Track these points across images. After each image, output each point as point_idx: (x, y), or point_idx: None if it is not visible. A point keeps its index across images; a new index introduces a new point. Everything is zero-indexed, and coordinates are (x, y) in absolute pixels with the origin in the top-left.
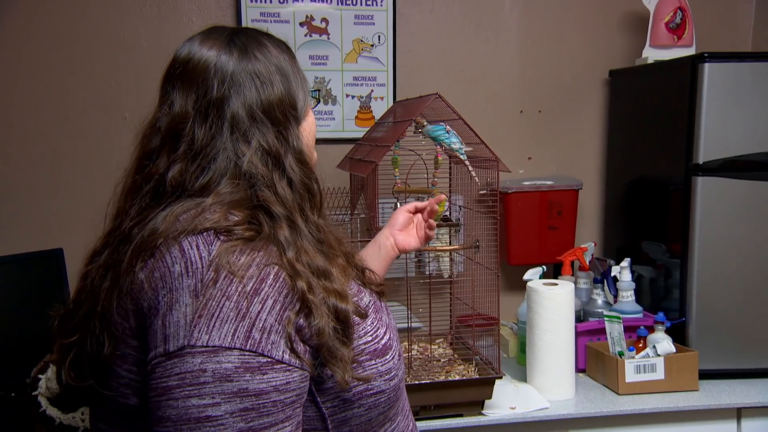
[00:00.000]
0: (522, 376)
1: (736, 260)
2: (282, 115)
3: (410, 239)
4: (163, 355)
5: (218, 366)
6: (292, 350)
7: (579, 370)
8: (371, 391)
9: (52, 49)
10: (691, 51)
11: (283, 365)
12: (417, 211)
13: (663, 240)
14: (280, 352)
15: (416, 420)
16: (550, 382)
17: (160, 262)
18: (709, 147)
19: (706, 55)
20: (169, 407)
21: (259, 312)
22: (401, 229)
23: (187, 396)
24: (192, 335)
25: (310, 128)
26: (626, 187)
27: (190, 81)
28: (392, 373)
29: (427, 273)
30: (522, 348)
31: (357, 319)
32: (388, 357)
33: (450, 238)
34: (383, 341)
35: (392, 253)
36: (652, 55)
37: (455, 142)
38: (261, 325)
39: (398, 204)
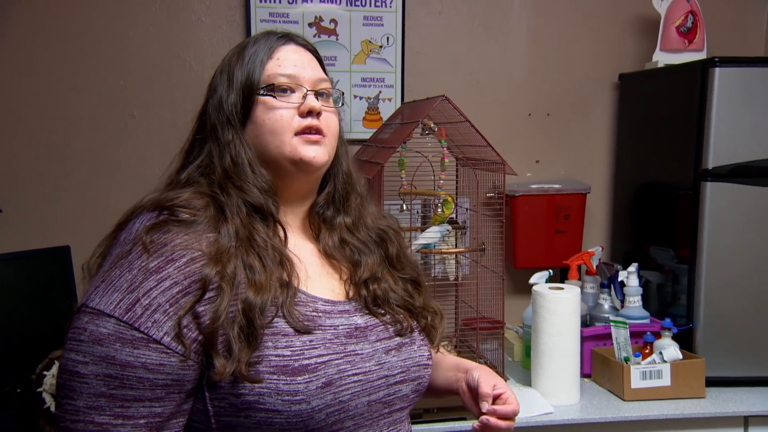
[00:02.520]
0: (527, 380)
1: (744, 267)
2: (216, 121)
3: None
4: (76, 308)
5: (95, 329)
6: (178, 335)
7: (584, 375)
8: (262, 406)
9: (61, 48)
10: (702, 55)
11: (160, 346)
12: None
13: (671, 245)
14: (160, 333)
15: (419, 423)
16: (555, 386)
17: (123, 230)
18: (718, 152)
19: (716, 59)
20: (62, 356)
21: (150, 289)
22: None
23: (70, 349)
24: (90, 296)
25: (264, 121)
26: (634, 192)
27: None
28: (297, 397)
29: (433, 275)
30: (527, 352)
31: (289, 330)
32: (299, 378)
33: (456, 240)
34: (305, 362)
35: (457, 385)
36: (662, 59)
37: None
38: (147, 302)
39: (404, 206)
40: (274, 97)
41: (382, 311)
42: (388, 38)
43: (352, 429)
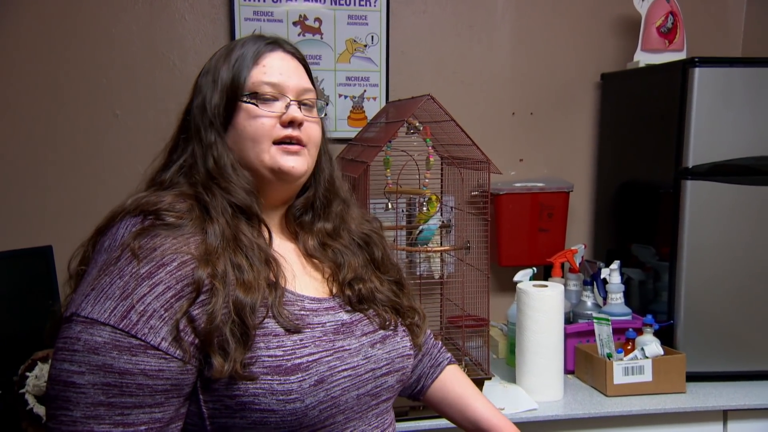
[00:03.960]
0: (511, 377)
1: (724, 264)
2: (200, 122)
3: None
4: (64, 318)
5: (90, 338)
6: (176, 339)
7: (568, 371)
8: (257, 406)
9: (44, 45)
10: (681, 55)
11: (158, 352)
12: None
13: (652, 243)
14: (158, 339)
15: (406, 420)
16: (539, 383)
17: (105, 236)
18: (698, 151)
19: (696, 59)
20: (52, 366)
21: (144, 295)
22: None
23: (63, 359)
24: (80, 304)
25: (245, 127)
26: (616, 190)
27: None
28: (291, 396)
29: (418, 273)
30: (511, 349)
31: (279, 330)
32: (292, 378)
33: (441, 239)
34: (297, 361)
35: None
36: (643, 59)
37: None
38: (142, 308)
39: (389, 204)
40: (257, 105)
41: (366, 306)
42: (372, 37)
43: (342, 423)
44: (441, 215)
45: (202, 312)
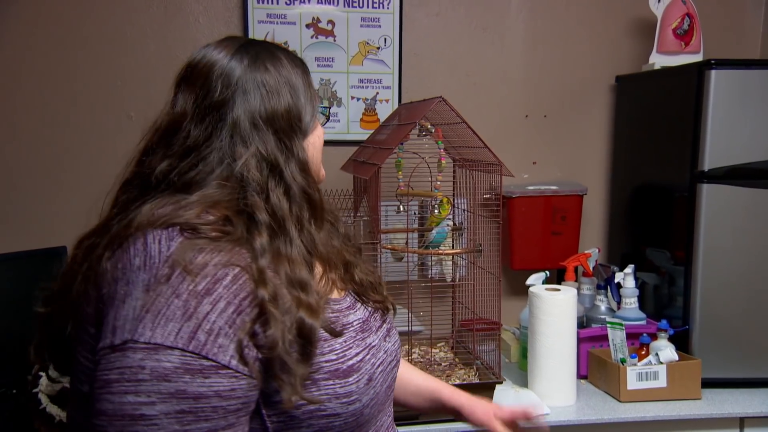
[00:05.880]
0: (523, 381)
1: (740, 268)
2: (287, 124)
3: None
4: (109, 347)
5: (157, 364)
6: (241, 356)
7: (581, 376)
8: (323, 413)
9: (58, 48)
10: (698, 57)
11: (228, 371)
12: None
13: (667, 247)
14: (227, 357)
15: (417, 424)
16: (551, 387)
17: (125, 254)
18: (714, 154)
19: (713, 62)
20: (106, 401)
21: (207, 313)
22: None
23: (124, 392)
24: (136, 330)
25: (316, 143)
26: (631, 194)
27: (194, 81)
28: (353, 398)
29: (430, 276)
30: (523, 353)
31: (325, 335)
32: (350, 379)
33: (453, 241)
34: (350, 362)
35: (442, 403)
36: (659, 61)
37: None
38: (208, 327)
39: (401, 207)
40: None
41: (365, 298)
42: (385, 39)
43: (378, 417)
44: (453, 218)
45: (262, 328)
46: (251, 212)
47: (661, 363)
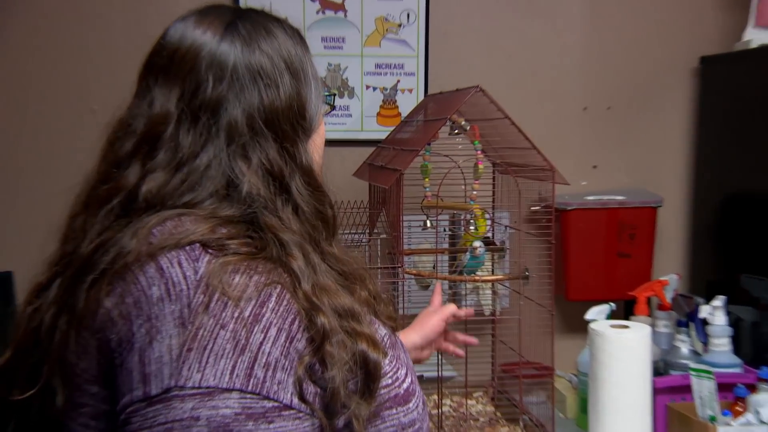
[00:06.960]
0: None
1: None
2: (289, 126)
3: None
4: (143, 400)
5: (215, 412)
6: (301, 392)
7: None
8: None
9: (5, 26)
10: None
11: (292, 411)
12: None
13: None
14: (289, 395)
15: None
16: None
17: (132, 286)
18: None
19: None
20: None
21: (261, 343)
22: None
23: None
24: (180, 374)
25: (319, 142)
26: (719, 205)
27: (177, 72)
28: (416, 426)
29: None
30: (583, 406)
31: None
32: (411, 405)
33: (493, 265)
34: (405, 385)
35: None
36: (756, 37)
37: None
38: (264, 360)
39: (428, 222)
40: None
41: (377, 313)
42: (408, 15)
43: None
44: (492, 236)
45: (321, 367)
46: (273, 233)
47: (763, 423)
